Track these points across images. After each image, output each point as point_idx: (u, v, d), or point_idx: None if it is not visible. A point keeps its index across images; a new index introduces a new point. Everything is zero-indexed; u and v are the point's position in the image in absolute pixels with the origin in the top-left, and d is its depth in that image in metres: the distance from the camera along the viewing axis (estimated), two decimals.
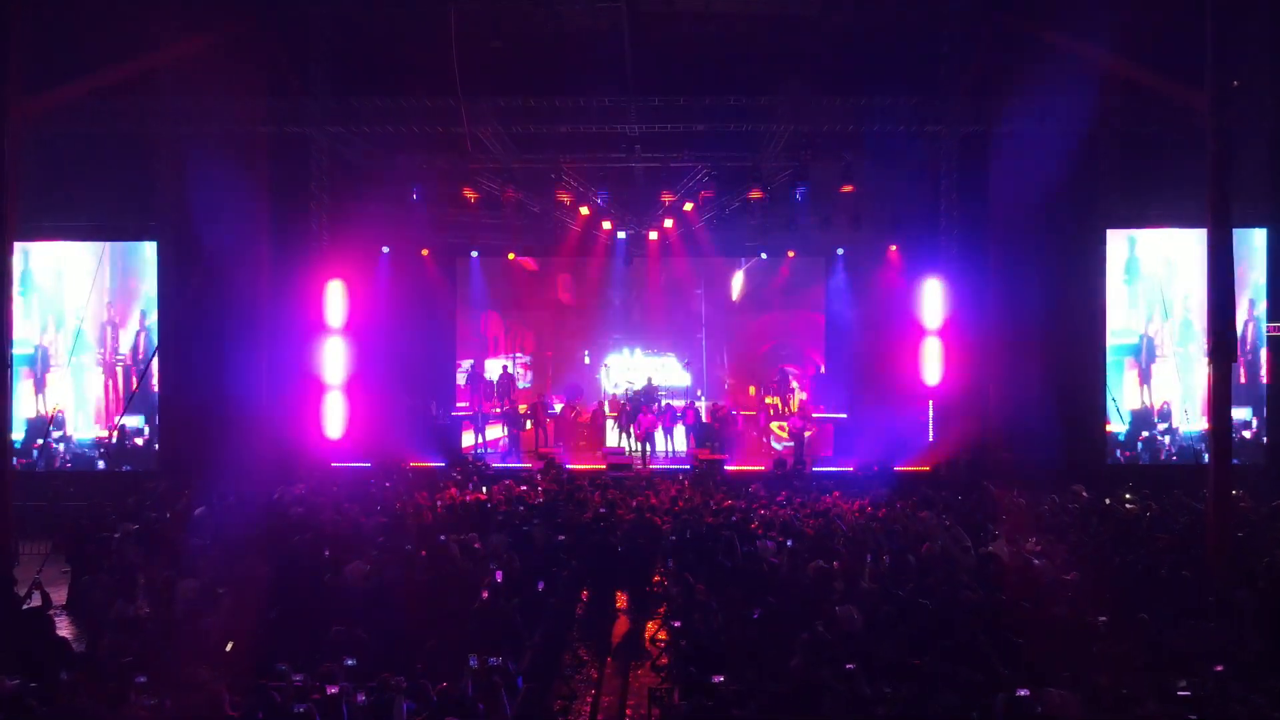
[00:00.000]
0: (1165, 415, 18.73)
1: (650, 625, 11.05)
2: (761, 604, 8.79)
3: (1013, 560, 10.32)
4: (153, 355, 18.20)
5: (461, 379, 22.70)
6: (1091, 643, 7.99)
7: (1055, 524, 12.52)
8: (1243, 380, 18.27)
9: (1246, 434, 18.40)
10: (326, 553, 10.79)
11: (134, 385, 18.42)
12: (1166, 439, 18.73)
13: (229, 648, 7.80)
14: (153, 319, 18.54)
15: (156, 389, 18.43)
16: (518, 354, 23.73)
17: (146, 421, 18.48)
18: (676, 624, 8.78)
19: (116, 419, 18.38)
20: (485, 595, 8.67)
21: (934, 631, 8.20)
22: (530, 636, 8.43)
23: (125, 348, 18.62)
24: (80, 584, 11.21)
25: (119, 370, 18.61)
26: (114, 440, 18.43)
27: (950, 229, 18.39)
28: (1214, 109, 10.98)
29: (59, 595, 11.43)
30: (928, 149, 18.34)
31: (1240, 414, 18.02)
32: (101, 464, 18.43)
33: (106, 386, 18.61)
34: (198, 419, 17.16)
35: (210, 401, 16.95)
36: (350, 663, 7.09)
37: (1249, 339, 18.56)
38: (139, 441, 18.52)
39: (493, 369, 22.68)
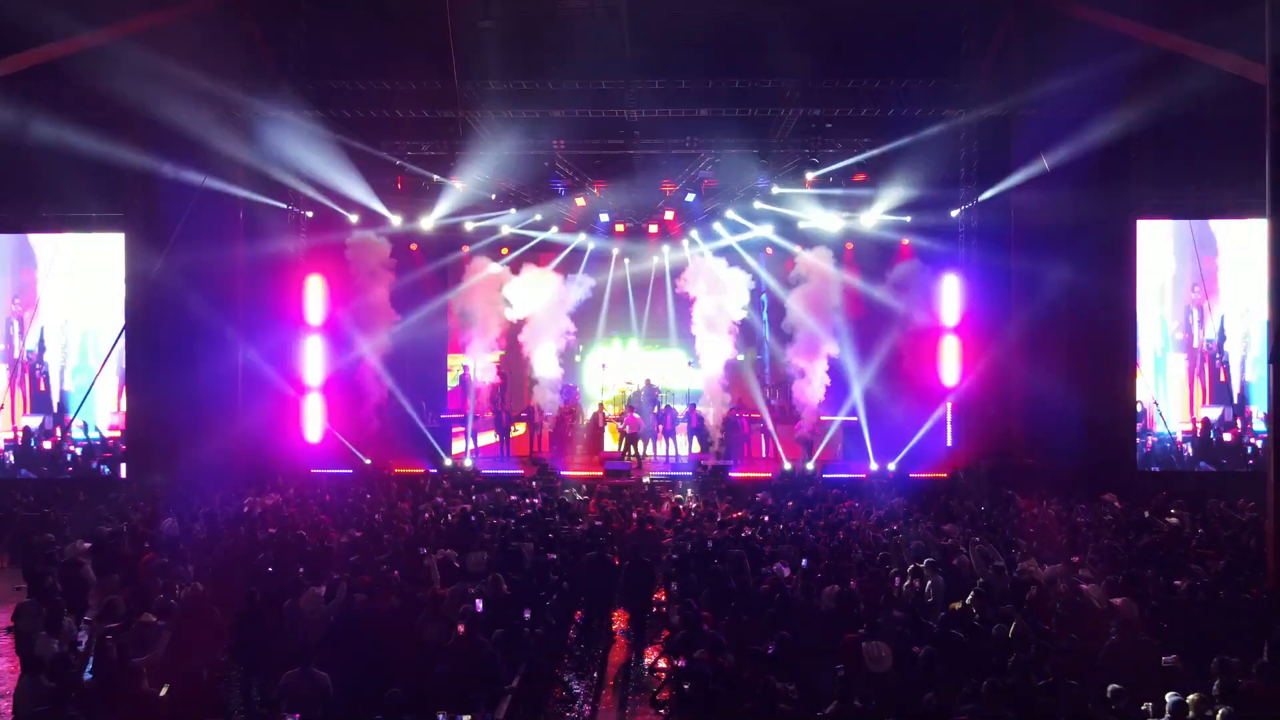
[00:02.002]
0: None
1: (649, 651, 10.03)
2: (776, 636, 7.74)
3: (1056, 583, 9.23)
4: (110, 353, 17.02)
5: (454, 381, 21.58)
6: (1159, 686, 6.91)
7: (1092, 539, 11.47)
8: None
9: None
10: (301, 569, 9.79)
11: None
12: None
13: (163, 693, 6.74)
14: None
15: (124, 390, 17.29)
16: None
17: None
18: (680, 663, 7.70)
19: (72, 419, 17.21)
20: (461, 629, 7.60)
21: (974, 671, 7.13)
22: (511, 678, 7.36)
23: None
24: (20, 609, 10.14)
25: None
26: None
27: (969, 220, 17.37)
28: (1274, 82, 9.87)
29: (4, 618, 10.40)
30: (945, 134, 17.25)
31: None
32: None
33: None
34: (166, 422, 16.11)
35: (180, 403, 15.92)
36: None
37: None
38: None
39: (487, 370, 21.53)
